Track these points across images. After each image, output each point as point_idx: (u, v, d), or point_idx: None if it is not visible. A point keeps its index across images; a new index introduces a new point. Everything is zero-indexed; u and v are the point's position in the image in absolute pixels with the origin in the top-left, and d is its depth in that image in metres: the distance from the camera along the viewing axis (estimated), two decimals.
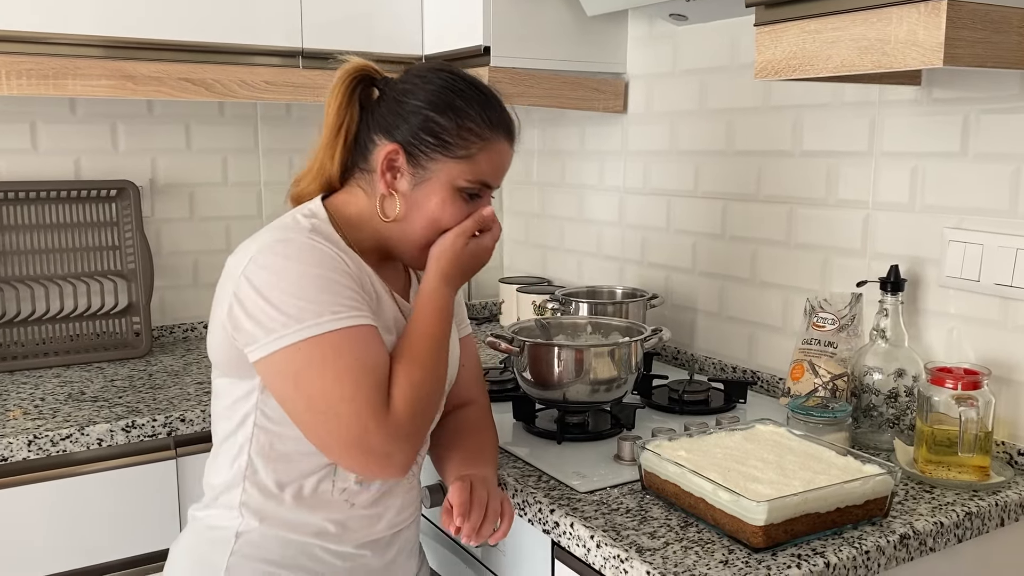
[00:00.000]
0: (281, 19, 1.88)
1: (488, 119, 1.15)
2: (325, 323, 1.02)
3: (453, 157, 1.13)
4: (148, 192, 2.09)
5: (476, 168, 1.14)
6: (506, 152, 1.18)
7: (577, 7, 1.92)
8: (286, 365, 1.03)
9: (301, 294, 1.03)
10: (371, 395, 1.03)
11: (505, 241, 2.60)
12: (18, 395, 1.68)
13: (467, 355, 1.35)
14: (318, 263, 1.05)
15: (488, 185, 1.17)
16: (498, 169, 1.18)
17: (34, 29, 1.66)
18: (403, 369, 1.08)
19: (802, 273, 1.67)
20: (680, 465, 1.14)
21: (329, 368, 1.02)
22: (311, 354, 1.02)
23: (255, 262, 1.05)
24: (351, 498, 1.14)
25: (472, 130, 1.13)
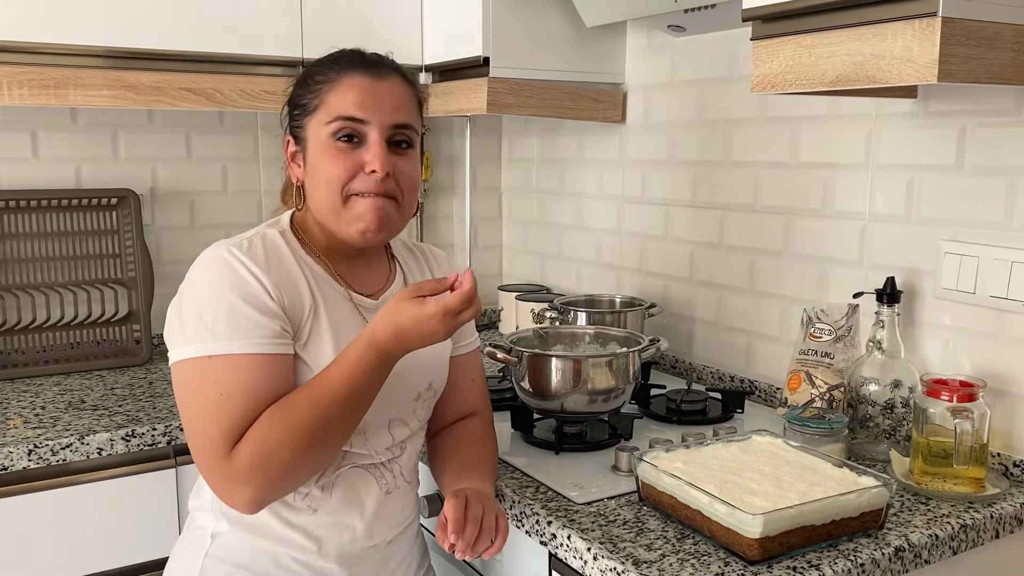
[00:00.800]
0: (281, 29, 1.89)
1: (332, 65, 1.15)
2: (206, 346, 1.04)
3: (310, 112, 1.14)
4: (148, 200, 2.10)
5: (329, 108, 1.12)
6: (361, 82, 1.12)
7: (576, 18, 1.93)
8: (174, 376, 1.09)
9: (201, 314, 1.06)
10: (218, 433, 1.03)
11: (504, 248, 2.61)
12: (18, 403, 1.69)
13: (474, 368, 1.35)
14: (230, 287, 1.06)
15: (353, 119, 1.11)
16: (357, 100, 1.11)
17: (36, 39, 1.67)
18: (268, 420, 1.03)
19: (799, 283, 1.68)
20: (676, 477, 1.15)
21: (195, 393, 1.06)
22: (185, 374, 1.07)
23: (191, 272, 1.11)
24: (314, 503, 1.14)
25: (317, 80, 1.15)
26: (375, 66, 1.15)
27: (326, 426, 1.04)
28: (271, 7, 1.87)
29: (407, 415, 1.21)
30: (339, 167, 1.12)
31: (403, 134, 1.15)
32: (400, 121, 1.14)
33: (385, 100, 1.13)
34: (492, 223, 2.59)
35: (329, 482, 1.14)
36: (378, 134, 1.12)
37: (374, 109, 1.12)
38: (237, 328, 1.05)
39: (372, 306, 1.19)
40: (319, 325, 1.12)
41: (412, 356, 1.12)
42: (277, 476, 1.04)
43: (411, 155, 1.17)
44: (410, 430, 1.22)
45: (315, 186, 1.15)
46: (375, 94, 1.13)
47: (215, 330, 1.05)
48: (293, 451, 1.03)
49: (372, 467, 1.18)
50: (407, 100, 1.17)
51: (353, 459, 1.16)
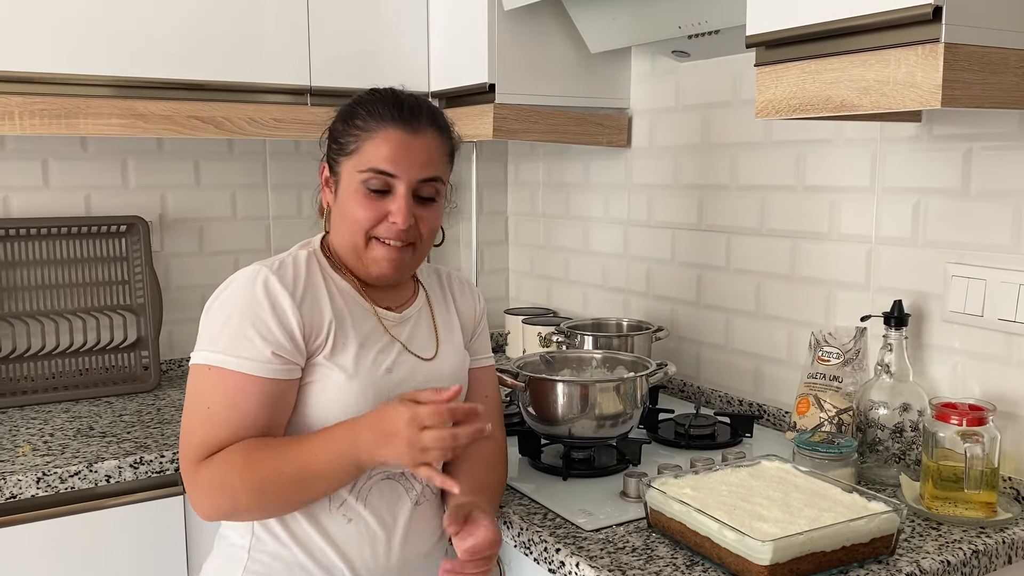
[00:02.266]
0: (289, 58, 1.91)
1: (372, 111, 1.20)
2: (208, 355, 1.13)
3: (347, 154, 1.20)
4: (157, 227, 2.11)
5: (363, 158, 1.18)
6: (396, 138, 1.18)
7: (581, 44, 1.95)
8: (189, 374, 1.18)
9: (214, 325, 1.15)
10: (196, 441, 1.13)
11: (511, 272, 2.61)
12: (27, 430, 1.69)
13: (490, 387, 1.38)
14: (243, 307, 1.14)
15: (383, 172, 1.17)
16: (390, 155, 1.17)
17: (46, 70, 1.69)
18: (236, 453, 1.11)
19: (806, 307, 1.68)
20: (685, 503, 1.15)
21: (192, 398, 1.15)
22: (192, 376, 1.16)
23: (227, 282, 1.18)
24: (349, 513, 1.19)
25: (356, 124, 1.20)
26: (411, 118, 1.20)
27: (279, 486, 1.11)
28: (279, 36, 1.89)
29: None
30: (366, 213, 1.19)
31: (430, 188, 1.22)
32: (428, 176, 1.20)
33: (416, 156, 1.19)
34: (498, 247, 2.60)
35: (363, 493, 1.20)
36: (405, 188, 1.19)
37: (405, 165, 1.18)
38: (236, 346, 1.13)
39: (395, 319, 1.26)
40: (344, 336, 1.19)
41: (436, 368, 1.25)
42: (226, 504, 1.12)
43: (435, 206, 1.23)
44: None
45: (341, 222, 1.23)
46: (408, 149, 1.19)
47: (218, 342, 1.13)
48: (244, 491, 1.10)
49: (401, 477, 1.23)
50: (438, 154, 1.22)
51: (380, 468, 1.20)
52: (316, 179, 1.30)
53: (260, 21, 1.87)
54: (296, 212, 2.27)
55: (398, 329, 1.25)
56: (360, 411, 1.17)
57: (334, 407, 1.16)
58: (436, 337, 1.29)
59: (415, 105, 1.21)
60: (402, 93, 1.23)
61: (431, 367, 1.25)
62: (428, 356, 1.26)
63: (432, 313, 1.31)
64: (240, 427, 1.12)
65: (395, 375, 1.21)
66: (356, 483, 1.19)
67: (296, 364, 1.15)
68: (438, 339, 1.29)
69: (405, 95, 1.23)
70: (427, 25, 2.06)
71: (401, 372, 1.22)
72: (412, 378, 1.22)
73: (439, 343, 1.29)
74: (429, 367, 1.25)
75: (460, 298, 1.37)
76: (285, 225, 2.27)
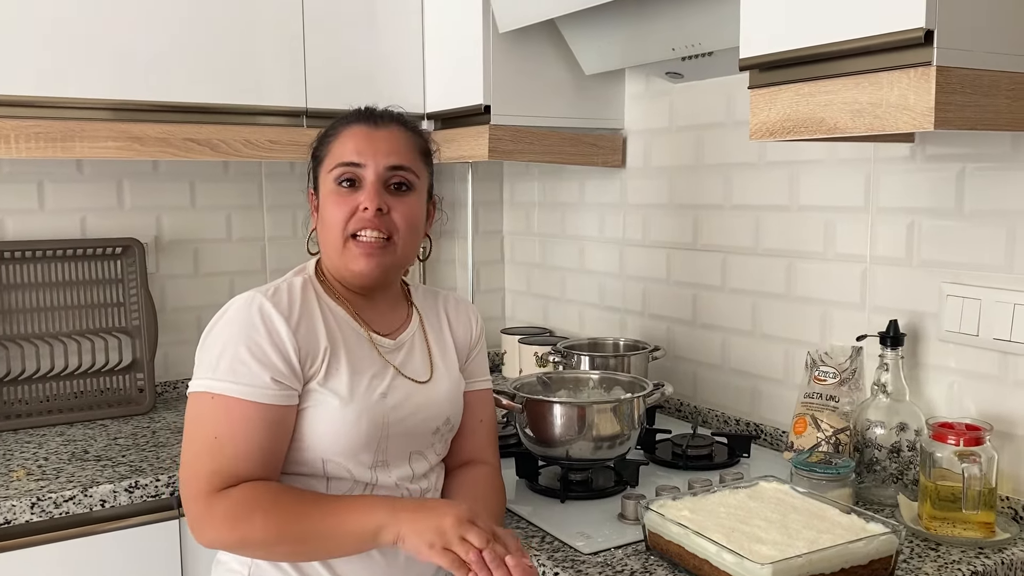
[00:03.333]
0: (285, 80, 1.92)
1: (341, 119, 1.25)
2: (208, 383, 1.13)
3: (321, 163, 1.25)
4: (153, 249, 2.11)
5: (332, 157, 1.22)
6: (359, 132, 1.22)
7: (575, 66, 1.96)
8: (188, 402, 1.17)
9: (212, 353, 1.15)
10: (205, 472, 1.11)
11: (507, 291, 2.62)
12: (21, 454, 1.68)
13: (485, 410, 1.37)
14: (239, 334, 1.14)
15: (351, 163, 1.19)
16: (354, 147, 1.20)
17: (42, 93, 1.69)
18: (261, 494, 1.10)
19: (802, 326, 1.68)
20: (683, 526, 1.14)
21: (194, 426, 1.14)
22: (192, 404, 1.15)
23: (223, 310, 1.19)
24: None
25: (327, 136, 1.26)
26: (373, 115, 1.25)
27: (297, 538, 1.09)
28: (275, 58, 1.90)
29: (426, 448, 1.26)
30: (339, 209, 1.20)
31: (399, 176, 1.22)
32: (395, 163, 1.21)
33: (381, 145, 1.21)
34: (494, 266, 2.60)
35: None
36: (374, 176, 1.20)
37: (370, 154, 1.20)
38: (235, 372, 1.12)
39: (390, 346, 1.26)
40: (337, 363, 1.18)
41: (431, 392, 1.25)
42: (237, 541, 1.11)
43: (409, 196, 1.23)
44: (429, 464, 1.27)
45: (323, 230, 1.24)
46: (372, 140, 1.21)
47: (217, 370, 1.13)
48: (261, 534, 1.09)
49: None
50: (405, 145, 1.24)
51: (380, 490, 1.20)
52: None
53: (256, 44, 1.88)
54: (292, 233, 2.27)
55: (392, 355, 1.25)
56: (355, 436, 1.16)
57: (329, 433, 1.16)
58: (430, 360, 1.29)
59: (380, 110, 1.26)
60: (373, 107, 1.27)
61: (426, 391, 1.25)
62: (423, 379, 1.26)
63: (426, 336, 1.31)
64: (249, 454, 1.12)
65: (389, 400, 1.20)
66: None
67: (294, 389, 1.15)
68: (432, 362, 1.29)
69: (373, 106, 1.27)
70: (422, 47, 2.07)
71: (396, 397, 1.21)
72: (407, 402, 1.22)
73: (433, 366, 1.29)
74: (424, 391, 1.25)
75: (456, 320, 1.37)
76: (281, 246, 2.27)
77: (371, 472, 1.19)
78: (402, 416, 1.21)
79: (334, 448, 1.16)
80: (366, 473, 1.19)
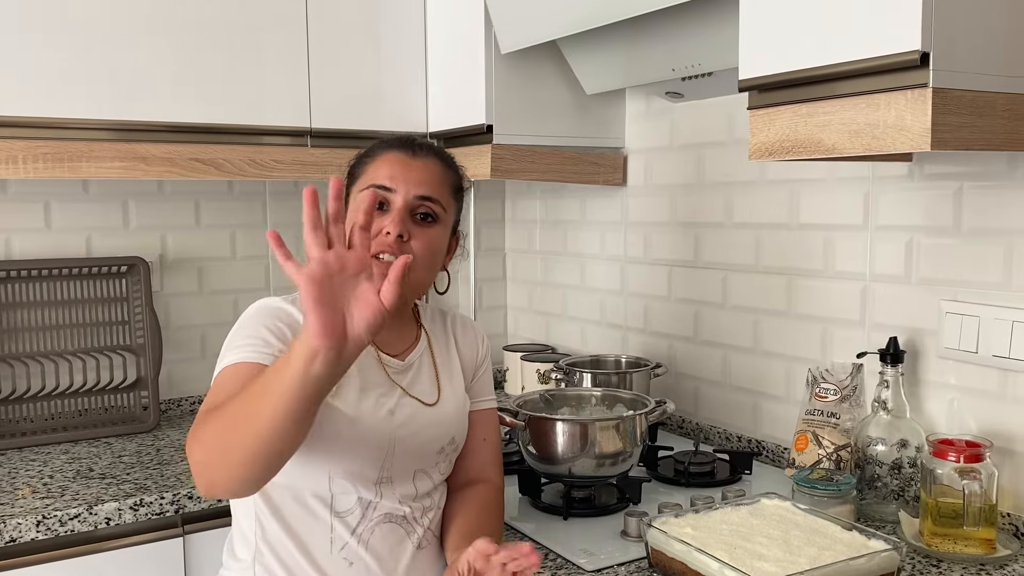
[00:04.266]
0: (289, 100, 1.94)
1: (380, 145, 1.28)
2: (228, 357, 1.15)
3: (354, 181, 1.28)
4: (158, 267, 2.13)
5: (366, 178, 1.25)
6: (396, 158, 1.25)
7: (576, 86, 1.98)
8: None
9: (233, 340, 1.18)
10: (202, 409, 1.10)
11: (509, 308, 2.63)
12: (27, 472, 1.69)
13: (489, 429, 1.38)
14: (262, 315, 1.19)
15: (381, 187, 1.22)
16: (389, 172, 1.23)
17: (50, 114, 1.71)
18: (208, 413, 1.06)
19: (803, 343, 1.69)
20: (686, 543, 1.15)
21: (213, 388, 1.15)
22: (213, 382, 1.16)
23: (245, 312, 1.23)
24: (350, 556, 1.19)
25: (364, 158, 1.29)
26: (413, 144, 1.27)
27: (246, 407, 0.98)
28: (279, 79, 1.92)
29: (430, 467, 1.27)
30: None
31: (427, 206, 1.24)
32: (424, 194, 1.23)
33: (414, 174, 1.23)
34: (497, 284, 2.62)
35: (364, 536, 1.20)
36: (402, 202, 1.22)
37: (402, 180, 1.23)
38: (252, 345, 1.15)
39: (398, 366, 1.27)
40: (347, 379, 1.19)
41: (437, 412, 1.25)
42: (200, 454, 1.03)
43: (432, 227, 1.25)
44: (432, 483, 1.28)
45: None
46: (406, 168, 1.24)
47: (234, 347, 1.16)
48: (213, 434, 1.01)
49: (402, 520, 1.23)
50: (438, 178, 1.26)
51: (382, 509, 1.21)
52: None
53: (261, 65, 1.90)
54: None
55: (400, 376, 1.26)
56: (362, 451, 1.18)
57: (337, 448, 1.17)
58: (437, 382, 1.30)
59: (421, 139, 1.29)
60: (408, 135, 1.31)
61: (432, 411, 1.26)
62: (430, 401, 1.27)
63: (433, 357, 1.32)
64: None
65: (396, 418, 1.22)
66: (358, 525, 1.20)
67: None
68: (439, 383, 1.30)
69: (415, 135, 1.30)
70: (425, 67, 2.09)
71: (402, 415, 1.23)
72: (413, 421, 1.23)
73: (440, 388, 1.30)
74: (430, 411, 1.26)
75: (463, 340, 1.38)
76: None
77: (376, 488, 1.20)
78: (408, 434, 1.22)
79: (341, 463, 1.17)
80: (371, 490, 1.20)
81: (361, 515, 1.20)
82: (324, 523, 1.18)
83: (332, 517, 1.18)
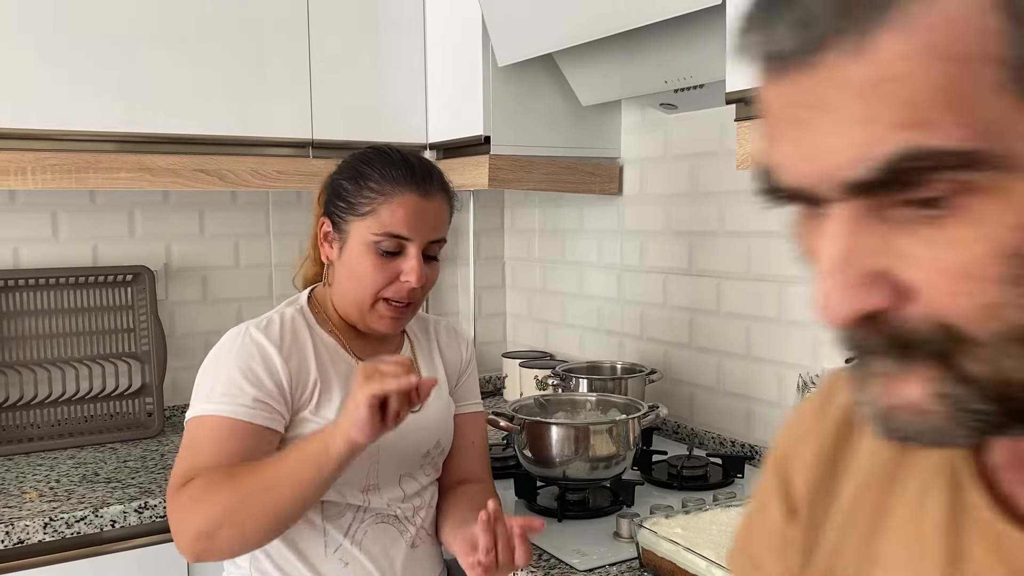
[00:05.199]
0: (291, 112, 1.98)
1: (387, 175, 1.24)
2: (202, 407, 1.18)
3: (359, 215, 1.24)
4: (163, 276, 2.16)
5: (379, 221, 1.22)
6: (412, 202, 1.23)
7: (572, 98, 2.02)
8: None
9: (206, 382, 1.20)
10: (177, 475, 1.15)
11: (508, 316, 2.66)
12: (34, 477, 1.73)
13: (476, 431, 1.41)
14: (234, 360, 1.19)
15: (399, 236, 1.22)
16: (405, 220, 1.22)
17: (58, 127, 1.75)
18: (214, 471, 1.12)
19: (794, 349, 1.72)
20: (675, 542, 1.18)
21: (183, 444, 1.19)
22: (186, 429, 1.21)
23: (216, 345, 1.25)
24: (345, 556, 1.22)
25: (371, 187, 1.24)
26: (424, 182, 1.25)
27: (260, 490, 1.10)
28: (281, 92, 1.96)
29: (415, 471, 1.30)
30: (378, 275, 1.23)
31: (436, 248, 1.28)
32: (437, 238, 1.26)
33: (428, 219, 1.25)
34: (496, 292, 2.65)
35: (357, 536, 1.23)
36: (417, 250, 1.24)
37: (419, 228, 1.24)
38: (228, 395, 1.17)
39: None
40: (329, 392, 1.23)
41: (420, 417, 1.26)
42: (203, 523, 1.09)
43: (436, 265, 1.29)
44: (420, 484, 1.31)
45: (348, 280, 1.25)
46: (422, 215, 1.24)
47: (211, 395, 1.18)
48: (224, 503, 1.09)
49: (394, 520, 1.26)
50: (445, 217, 1.29)
51: (373, 511, 1.24)
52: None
53: (264, 78, 1.94)
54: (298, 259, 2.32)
55: None
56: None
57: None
58: None
59: (425, 169, 1.27)
60: (410, 156, 1.28)
61: (416, 417, 1.26)
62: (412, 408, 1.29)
63: (416, 363, 1.35)
64: (218, 459, 1.14)
65: None
66: (350, 527, 1.22)
67: (280, 414, 1.19)
68: None
69: (413, 158, 1.28)
70: (425, 80, 2.13)
71: None
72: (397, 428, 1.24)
73: None
74: (414, 418, 1.24)
75: (447, 345, 1.41)
76: (287, 273, 2.32)
77: (363, 495, 1.24)
78: (392, 440, 1.21)
79: None
80: (358, 496, 1.24)
81: (352, 518, 1.23)
82: (317, 527, 1.22)
83: (324, 522, 1.22)
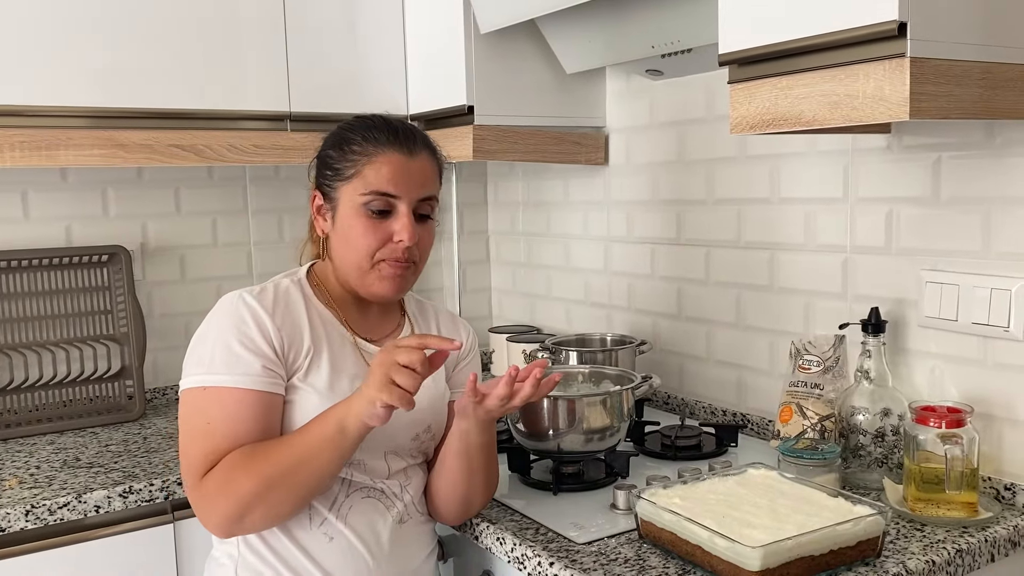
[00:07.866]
0: (268, 84, 1.93)
1: (369, 136, 1.25)
2: (202, 378, 1.18)
3: (345, 179, 1.24)
4: (139, 256, 2.11)
5: (365, 181, 1.22)
6: (396, 160, 1.23)
7: (556, 65, 1.98)
8: (180, 401, 1.22)
9: (203, 350, 1.19)
10: (199, 456, 1.16)
11: (493, 291, 2.63)
12: (12, 463, 1.68)
13: None
14: (230, 328, 1.19)
15: (387, 194, 1.22)
16: (390, 176, 1.22)
17: (26, 102, 1.69)
18: (236, 455, 1.14)
19: (786, 316, 1.71)
20: (676, 513, 1.16)
21: (188, 418, 1.19)
22: (185, 401, 1.20)
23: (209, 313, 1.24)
24: (330, 531, 1.21)
25: (354, 151, 1.24)
26: (407, 141, 1.25)
27: (281, 473, 1.13)
28: (258, 63, 1.91)
29: (402, 450, 1.29)
30: (371, 236, 1.22)
31: (427, 206, 1.26)
32: (426, 195, 1.25)
33: (416, 177, 1.24)
34: (480, 266, 2.62)
35: (342, 511, 1.22)
36: (407, 207, 1.23)
37: (406, 186, 1.23)
38: (228, 364, 1.17)
39: (375, 351, 1.27)
40: (319, 360, 1.22)
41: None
42: (231, 507, 1.13)
43: (431, 225, 1.28)
44: (406, 463, 1.29)
45: (344, 246, 1.25)
46: (408, 172, 1.23)
47: (211, 365, 1.17)
48: (249, 486, 1.12)
49: (381, 495, 1.25)
50: (433, 174, 1.28)
51: (357, 485, 1.23)
52: (297, 204, 1.32)
53: (239, 49, 1.89)
54: (278, 237, 2.28)
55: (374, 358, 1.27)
56: None
57: None
58: None
59: (407, 129, 1.27)
60: (391, 118, 1.28)
61: None
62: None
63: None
64: (239, 437, 1.16)
65: None
66: (336, 501, 1.21)
67: (281, 378, 1.19)
68: None
69: (395, 120, 1.28)
70: (404, 49, 2.08)
71: None
72: None
73: None
74: None
75: (447, 332, 1.40)
76: (267, 251, 2.28)
77: (347, 468, 1.22)
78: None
79: None
80: (343, 469, 1.21)
81: (337, 492, 1.22)
82: None
83: None
